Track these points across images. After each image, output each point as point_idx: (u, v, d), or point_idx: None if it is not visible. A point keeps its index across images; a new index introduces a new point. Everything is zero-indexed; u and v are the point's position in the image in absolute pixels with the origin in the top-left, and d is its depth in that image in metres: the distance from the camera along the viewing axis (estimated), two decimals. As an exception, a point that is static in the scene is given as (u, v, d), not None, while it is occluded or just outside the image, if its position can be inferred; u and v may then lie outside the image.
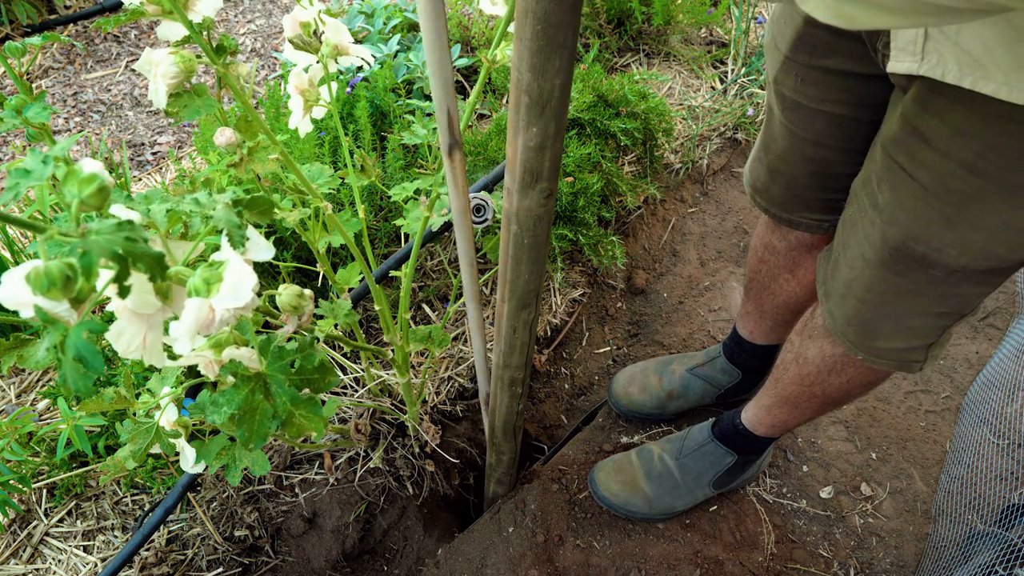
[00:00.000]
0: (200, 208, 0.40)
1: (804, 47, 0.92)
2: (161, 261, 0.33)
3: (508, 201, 0.76)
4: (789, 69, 0.95)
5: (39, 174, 0.32)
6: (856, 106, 0.93)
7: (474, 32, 2.09)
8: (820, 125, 0.98)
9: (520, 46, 0.59)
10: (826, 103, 0.95)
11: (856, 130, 0.96)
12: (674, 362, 1.59)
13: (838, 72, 0.91)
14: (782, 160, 1.07)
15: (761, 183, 1.15)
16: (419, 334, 1.12)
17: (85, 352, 0.32)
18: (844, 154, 0.99)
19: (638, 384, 1.58)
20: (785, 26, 0.94)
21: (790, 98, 0.98)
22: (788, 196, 1.12)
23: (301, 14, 0.85)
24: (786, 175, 1.09)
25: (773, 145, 1.08)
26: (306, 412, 0.57)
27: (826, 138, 0.99)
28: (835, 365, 1.06)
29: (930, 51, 0.67)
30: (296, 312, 0.59)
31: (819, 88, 0.94)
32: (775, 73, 0.98)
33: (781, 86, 0.98)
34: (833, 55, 0.90)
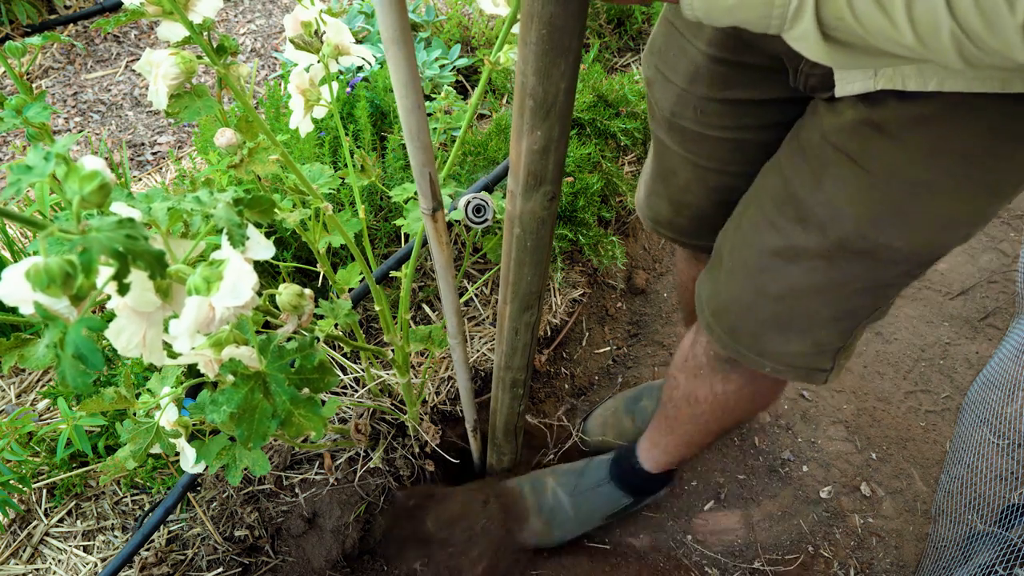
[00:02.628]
0: (201, 207, 0.40)
1: (703, 80, 0.88)
2: (161, 259, 0.33)
3: (511, 204, 0.76)
4: (687, 101, 0.91)
5: (41, 170, 0.32)
6: (761, 129, 0.90)
7: (474, 32, 2.09)
8: (725, 152, 0.94)
9: (525, 50, 0.59)
10: (729, 131, 0.91)
11: (761, 152, 0.91)
12: (642, 398, 1.55)
13: (741, 101, 0.88)
14: (685, 191, 1.03)
15: (664, 216, 1.11)
16: (419, 334, 1.12)
17: (84, 349, 0.32)
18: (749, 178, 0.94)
19: (612, 429, 1.53)
20: (676, 59, 0.91)
21: (691, 130, 0.94)
22: (696, 225, 1.07)
23: (302, 14, 0.85)
24: (691, 206, 1.05)
25: (672, 178, 1.03)
26: (305, 411, 0.57)
27: (731, 165, 0.95)
28: (728, 401, 1.04)
29: (884, 65, 0.64)
30: (296, 312, 0.59)
31: (721, 117, 0.90)
32: (671, 106, 0.94)
33: (678, 118, 0.94)
34: (735, 87, 0.87)
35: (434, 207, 0.75)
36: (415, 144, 0.66)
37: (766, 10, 0.48)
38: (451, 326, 0.97)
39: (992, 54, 0.43)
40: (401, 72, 0.58)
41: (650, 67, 0.97)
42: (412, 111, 0.62)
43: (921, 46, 0.45)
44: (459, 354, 1.03)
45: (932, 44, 0.44)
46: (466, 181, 1.58)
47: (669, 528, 1.47)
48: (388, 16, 0.53)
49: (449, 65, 1.89)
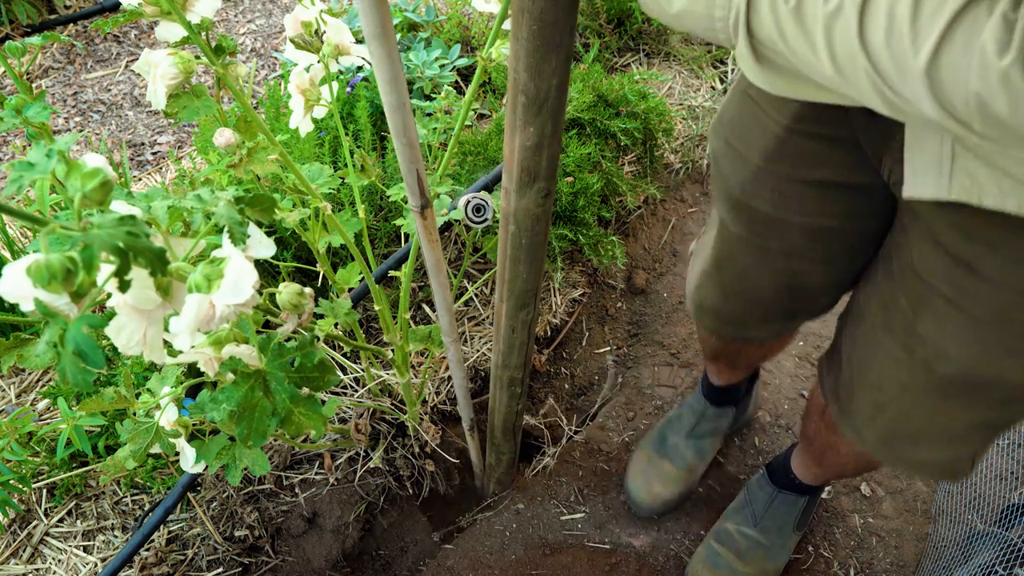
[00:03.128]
0: (202, 205, 0.40)
1: (785, 157, 0.78)
2: (162, 256, 0.33)
3: (506, 201, 0.76)
4: (763, 181, 0.82)
5: (43, 167, 0.33)
6: (845, 217, 0.81)
7: (474, 32, 2.09)
8: (798, 238, 0.85)
9: (516, 46, 0.59)
10: (809, 216, 0.82)
11: (841, 241, 0.84)
12: (667, 436, 1.50)
13: (827, 184, 0.78)
14: (742, 277, 0.93)
15: (711, 302, 1.01)
16: (419, 334, 1.13)
17: (84, 346, 0.32)
18: (823, 266, 0.87)
19: (656, 479, 1.47)
20: (752, 132, 0.81)
21: (762, 211, 0.84)
22: (745, 312, 0.98)
23: (302, 14, 0.85)
24: (746, 292, 0.95)
25: (729, 263, 0.94)
26: (305, 410, 0.57)
27: (804, 251, 0.86)
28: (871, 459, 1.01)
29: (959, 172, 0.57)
30: (296, 310, 0.59)
31: (802, 201, 0.81)
32: (742, 185, 0.84)
33: (751, 199, 0.84)
34: (822, 166, 0.77)
35: (423, 204, 0.75)
36: (402, 141, 0.66)
37: (708, 21, 0.47)
38: (444, 325, 0.97)
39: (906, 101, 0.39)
40: (384, 68, 0.58)
41: (719, 139, 0.87)
42: (397, 108, 0.62)
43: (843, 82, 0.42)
44: (454, 353, 1.03)
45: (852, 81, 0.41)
46: (466, 181, 1.58)
47: (669, 528, 1.47)
48: (369, 11, 0.53)
49: (449, 65, 1.90)
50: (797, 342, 1.81)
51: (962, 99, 0.36)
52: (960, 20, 0.34)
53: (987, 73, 0.34)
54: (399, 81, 0.59)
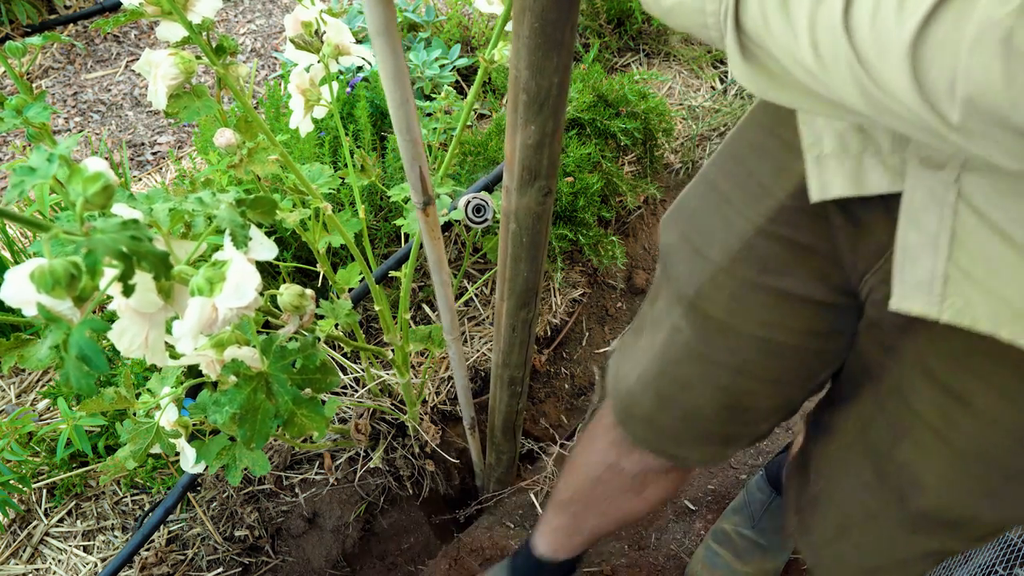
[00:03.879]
0: (203, 207, 0.40)
1: (751, 260, 0.70)
2: (166, 260, 0.33)
3: (507, 199, 0.76)
4: (721, 284, 0.72)
5: (45, 172, 0.32)
6: (805, 335, 0.72)
7: (474, 32, 2.09)
8: (751, 353, 0.75)
9: (518, 44, 0.59)
10: (766, 328, 0.72)
11: (796, 361, 0.74)
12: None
13: (792, 295, 0.69)
14: (683, 388, 0.81)
15: (642, 410, 0.87)
16: (419, 334, 1.13)
17: (88, 351, 0.32)
18: (773, 386, 0.77)
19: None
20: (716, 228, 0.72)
21: (716, 318, 0.74)
22: (680, 428, 0.85)
23: (302, 14, 0.85)
24: (685, 406, 0.82)
25: (671, 369, 0.82)
26: (308, 412, 0.57)
27: (755, 367, 0.76)
28: None
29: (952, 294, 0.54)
30: (298, 312, 0.59)
31: (761, 311, 0.71)
32: (698, 285, 0.74)
33: (705, 302, 0.74)
34: (789, 275, 0.68)
35: (425, 201, 0.74)
36: (405, 138, 0.65)
37: (700, 16, 0.45)
38: (446, 323, 0.96)
39: (884, 91, 0.38)
40: (388, 65, 0.57)
41: (673, 232, 0.78)
42: (401, 104, 0.62)
43: (823, 72, 0.40)
44: (455, 351, 1.03)
45: (832, 71, 0.39)
46: (466, 181, 1.58)
47: (671, 528, 1.47)
48: (375, 8, 0.53)
49: (449, 65, 1.90)
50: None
51: (947, 80, 0.34)
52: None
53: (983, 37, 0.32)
54: (403, 77, 0.59)
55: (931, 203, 0.53)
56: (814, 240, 0.66)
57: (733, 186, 0.71)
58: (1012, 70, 0.32)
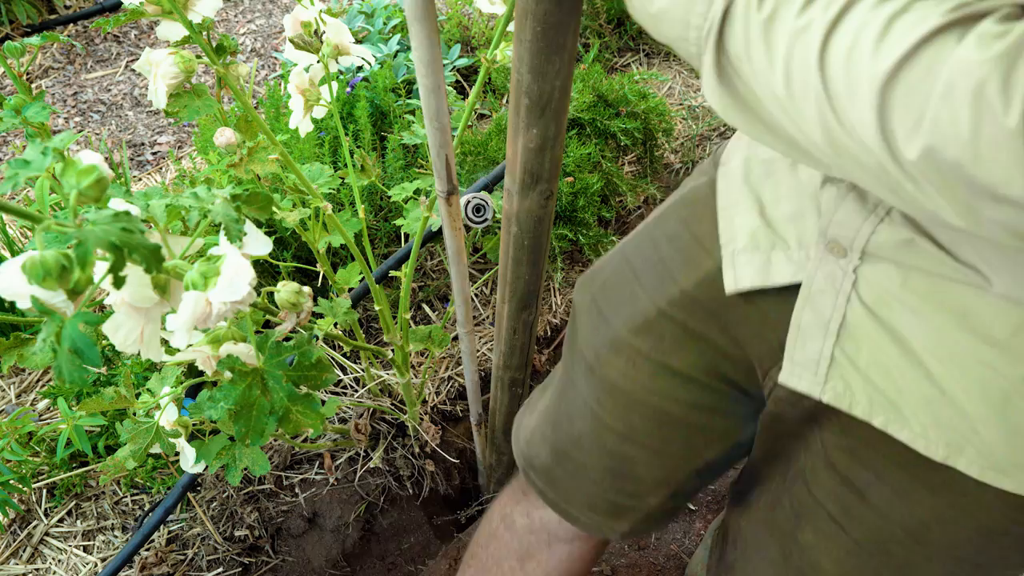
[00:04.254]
0: (199, 202, 0.40)
1: (648, 336, 0.73)
2: (157, 252, 0.33)
3: (508, 202, 0.76)
4: (620, 350, 0.75)
5: (39, 165, 0.33)
6: (693, 409, 0.74)
7: (474, 32, 2.09)
8: (639, 419, 0.77)
9: (520, 48, 0.59)
10: (655, 396, 0.75)
11: (681, 434, 0.77)
12: None
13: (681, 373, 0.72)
14: (575, 445, 0.84)
15: (540, 462, 0.89)
16: (419, 334, 1.13)
17: (81, 343, 0.32)
18: (656, 456, 0.79)
19: None
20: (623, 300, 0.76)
21: (610, 381, 0.76)
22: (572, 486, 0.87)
23: (302, 14, 0.85)
24: (575, 462, 0.84)
25: (566, 424, 0.84)
26: (303, 408, 0.57)
27: (640, 435, 0.78)
28: None
29: (834, 376, 0.58)
30: (294, 309, 0.59)
31: (652, 380, 0.74)
32: (596, 347, 0.77)
33: (602, 365, 0.77)
34: (681, 357, 0.72)
35: (449, 190, 0.75)
36: (434, 125, 0.66)
37: (683, 28, 0.45)
38: (460, 315, 0.96)
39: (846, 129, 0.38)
40: (423, 50, 0.58)
41: (586, 295, 0.80)
42: (433, 91, 0.62)
43: (790, 102, 0.41)
44: (467, 345, 1.02)
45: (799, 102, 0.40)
46: (466, 181, 1.58)
47: (671, 528, 1.47)
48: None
49: (449, 65, 1.90)
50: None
51: (912, 122, 0.35)
52: (930, 43, 0.34)
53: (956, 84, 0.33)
54: (437, 64, 0.60)
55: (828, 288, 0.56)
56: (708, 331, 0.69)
57: (644, 267, 0.74)
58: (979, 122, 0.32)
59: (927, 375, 0.53)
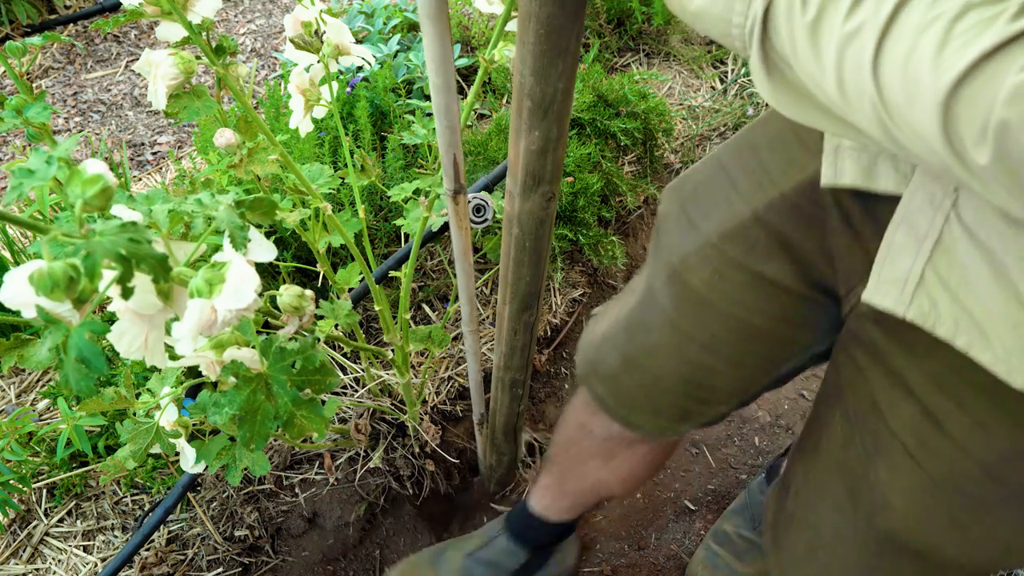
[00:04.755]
0: (203, 209, 0.40)
1: (740, 242, 0.72)
2: (165, 262, 0.33)
3: (510, 204, 0.76)
4: (708, 258, 0.74)
5: (43, 174, 0.32)
6: (778, 320, 0.74)
7: (474, 32, 2.09)
8: (722, 331, 0.77)
9: (523, 50, 0.59)
10: (741, 308, 0.74)
11: (762, 346, 0.77)
12: (448, 548, 1.34)
13: (772, 282, 0.72)
14: (650, 354, 0.83)
15: (607, 368, 0.88)
16: (419, 334, 1.13)
17: (87, 353, 0.32)
18: (735, 368, 0.79)
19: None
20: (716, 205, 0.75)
21: (695, 289, 0.76)
22: (640, 394, 0.87)
23: (302, 14, 0.85)
24: (649, 372, 0.84)
25: (642, 333, 0.84)
26: (307, 413, 0.57)
27: (723, 346, 0.78)
28: None
29: (921, 295, 0.57)
30: (297, 313, 0.59)
31: (739, 290, 0.74)
32: (684, 255, 0.76)
33: (688, 272, 0.76)
34: (774, 263, 0.71)
35: (456, 189, 0.74)
36: (443, 123, 0.66)
37: (726, 26, 0.45)
38: (465, 314, 0.96)
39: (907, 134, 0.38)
40: (435, 48, 0.58)
41: (673, 203, 0.81)
42: (443, 89, 0.62)
43: (845, 105, 0.41)
44: (472, 344, 1.02)
45: (854, 106, 0.40)
46: (466, 181, 1.57)
47: (671, 528, 1.47)
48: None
49: (449, 65, 1.89)
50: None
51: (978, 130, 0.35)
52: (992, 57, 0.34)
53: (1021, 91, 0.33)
54: (447, 62, 0.59)
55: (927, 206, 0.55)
56: (804, 239, 0.69)
57: (742, 171, 0.74)
58: None
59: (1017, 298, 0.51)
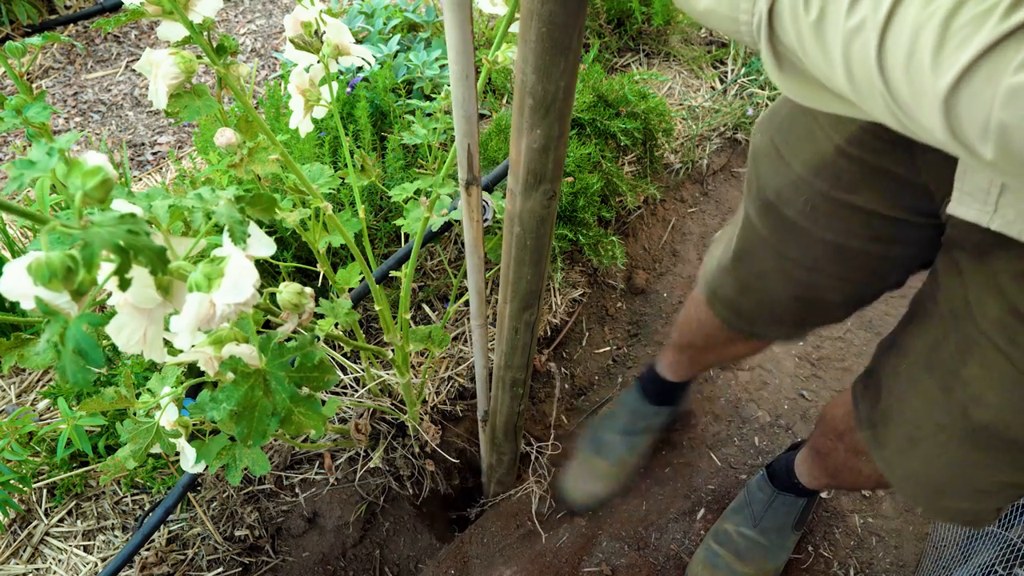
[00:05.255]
0: (203, 204, 0.40)
1: (827, 175, 0.78)
2: (162, 254, 0.33)
3: (511, 203, 0.76)
4: (799, 190, 0.81)
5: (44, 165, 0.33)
6: (872, 241, 0.80)
7: (474, 32, 2.09)
8: (821, 252, 0.84)
9: (525, 48, 0.59)
10: (836, 234, 0.81)
11: (864, 262, 0.84)
12: (600, 433, 1.51)
13: (861, 209, 0.78)
14: (760, 278, 0.93)
15: (726, 293, 1.01)
16: (419, 334, 1.13)
17: (85, 344, 0.32)
18: (841, 283, 0.87)
19: (587, 475, 1.48)
20: (801, 140, 0.81)
21: (790, 219, 0.83)
22: (758, 312, 0.98)
23: (302, 14, 0.85)
24: (762, 293, 0.95)
25: (749, 260, 0.93)
26: (305, 410, 0.57)
27: (824, 266, 0.86)
28: None
29: (1005, 205, 0.59)
30: (296, 310, 0.59)
31: (833, 219, 0.80)
32: (778, 188, 0.83)
33: (783, 204, 0.84)
34: (862, 193, 0.77)
35: (469, 180, 0.74)
36: (460, 113, 0.66)
37: (733, 24, 0.46)
38: (474, 307, 0.95)
39: (919, 126, 0.40)
40: (456, 37, 0.58)
41: (764, 137, 0.86)
42: (462, 78, 0.62)
43: (858, 98, 0.42)
44: (479, 336, 1.01)
45: (867, 99, 0.41)
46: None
47: (671, 529, 1.47)
48: None
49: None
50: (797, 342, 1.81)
51: (979, 129, 0.36)
52: (987, 56, 0.34)
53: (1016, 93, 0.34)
54: (468, 51, 0.59)
55: None
56: (887, 163, 0.73)
57: None
58: None
59: None
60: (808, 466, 1.27)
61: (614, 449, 1.49)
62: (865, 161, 0.74)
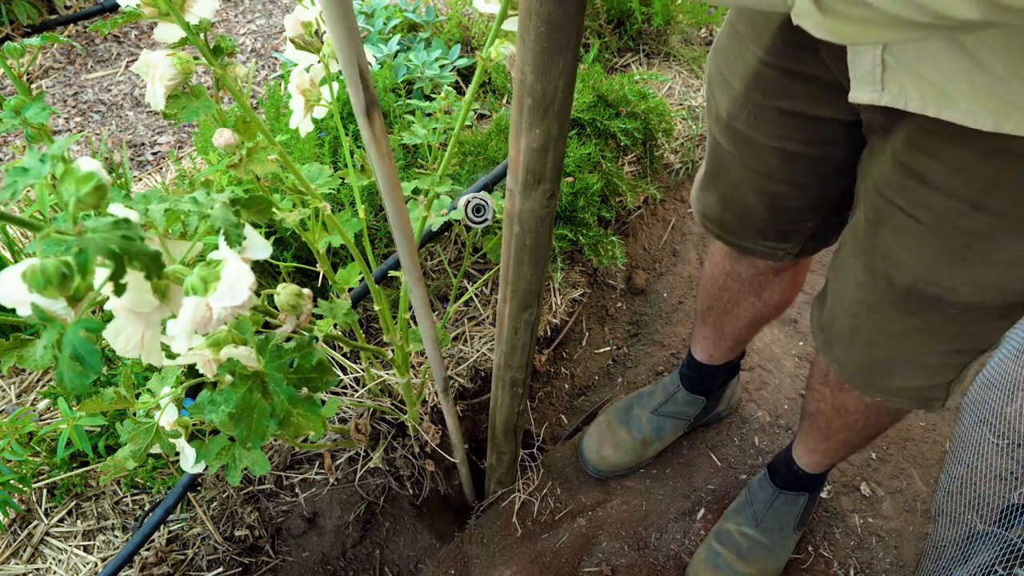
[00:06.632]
0: (198, 207, 0.40)
1: (758, 86, 0.88)
2: (157, 259, 0.33)
3: (510, 202, 0.76)
4: (742, 105, 0.92)
5: (37, 172, 0.32)
6: (811, 144, 0.91)
7: (474, 32, 2.09)
8: (773, 161, 0.95)
9: (523, 48, 0.59)
10: (779, 140, 0.92)
11: (810, 167, 0.94)
12: (634, 407, 1.55)
13: (792, 113, 0.88)
14: (734, 189, 1.04)
15: (712, 211, 1.12)
16: (419, 334, 1.12)
17: (82, 350, 0.32)
18: (796, 189, 0.97)
19: (609, 443, 1.53)
20: (735, 61, 0.91)
21: (743, 133, 0.95)
22: (742, 224, 1.09)
23: (303, 14, 0.85)
24: (739, 203, 1.06)
25: (724, 175, 1.05)
26: (304, 411, 0.57)
27: (779, 173, 0.96)
28: (880, 406, 1.05)
29: (890, 81, 0.66)
30: (294, 311, 0.59)
31: (772, 126, 0.91)
32: (727, 107, 0.95)
33: (733, 120, 0.95)
34: (787, 97, 0.87)
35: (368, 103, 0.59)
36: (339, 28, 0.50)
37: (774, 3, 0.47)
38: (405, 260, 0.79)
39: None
40: None
41: (712, 66, 0.97)
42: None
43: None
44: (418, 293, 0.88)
45: None
46: (466, 181, 1.58)
47: (671, 528, 1.47)
48: None
49: (449, 65, 1.89)
50: (797, 342, 1.81)
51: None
52: None
53: None
54: None
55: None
56: (804, 67, 0.82)
57: (744, 26, 0.88)
58: None
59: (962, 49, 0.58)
60: (804, 440, 1.29)
61: (641, 426, 1.52)
62: (784, 68, 0.84)
